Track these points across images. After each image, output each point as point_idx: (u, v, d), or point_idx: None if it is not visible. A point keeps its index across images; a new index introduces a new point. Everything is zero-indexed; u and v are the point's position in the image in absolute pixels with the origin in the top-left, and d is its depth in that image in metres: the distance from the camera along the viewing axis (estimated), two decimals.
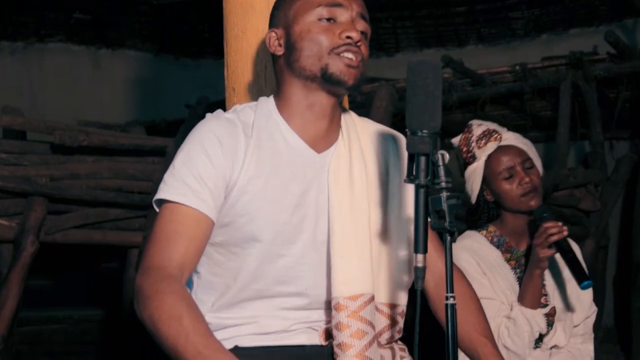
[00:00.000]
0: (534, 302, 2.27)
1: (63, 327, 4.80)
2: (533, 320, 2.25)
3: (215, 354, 1.36)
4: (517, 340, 2.25)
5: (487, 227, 2.44)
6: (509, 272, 2.38)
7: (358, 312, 1.59)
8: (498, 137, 2.38)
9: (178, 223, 1.55)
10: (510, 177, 2.35)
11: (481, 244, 2.40)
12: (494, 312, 2.28)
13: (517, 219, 2.40)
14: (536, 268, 2.25)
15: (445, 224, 1.34)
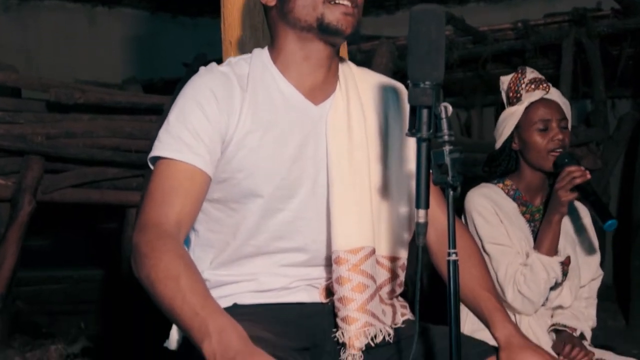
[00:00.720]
0: (551, 249, 2.26)
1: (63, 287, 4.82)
2: (550, 267, 2.24)
3: (212, 314, 1.33)
4: (534, 287, 2.24)
5: (504, 180, 2.43)
6: (524, 224, 2.37)
7: (359, 265, 1.57)
8: (546, 88, 2.36)
9: (174, 179, 1.52)
10: (545, 130, 2.33)
11: (498, 194, 2.39)
12: (511, 259, 2.27)
13: (536, 174, 2.38)
14: (556, 213, 2.24)
15: (448, 179, 1.30)
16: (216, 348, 1.28)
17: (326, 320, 1.62)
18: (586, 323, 2.40)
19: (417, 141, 1.34)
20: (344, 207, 1.58)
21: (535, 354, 1.50)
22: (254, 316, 1.53)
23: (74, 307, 4.79)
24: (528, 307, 2.26)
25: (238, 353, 1.25)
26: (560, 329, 2.34)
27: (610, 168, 4.70)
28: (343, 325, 1.57)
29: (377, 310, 1.60)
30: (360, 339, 1.56)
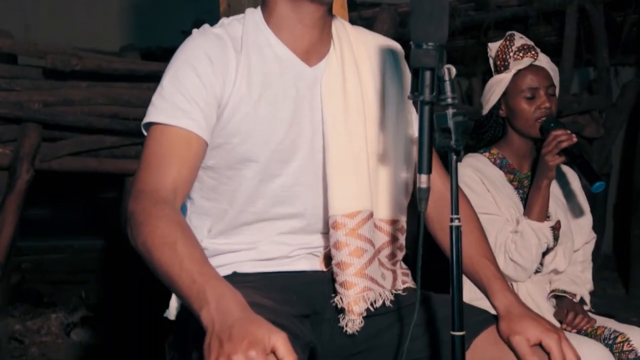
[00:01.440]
0: (541, 215, 2.25)
1: (63, 256, 4.82)
2: (540, 232, 2.24)
3: (210, 281, 1.30)
4: (525, 253, 2.23)
5: (490, 149, 2.42)
6: (512, 191, 2.37)
7: (356, 229, 1.55)
8: (535, 55, 2.35)
9: (169, 145, 1.49)
10: (532, 98, 2.32)
11: (484, 163, 2.39)
12: (500, 227, 2.26)
13: (523, 141, 2.38)
14: (544, 178, 2.24)
15: (451, 143, 1.27)
16: (214, 315, 1.25)
17: (326, 288, 1.60)
18: (584, 287, 2.39)
19: (420, 104, 1.31)
20: (340, 170, 1.56)
21: (535, 323, 1.48)
22: (253, 284, 1.51)
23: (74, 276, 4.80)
24: (521, 274, 2.26)
25: (237, 320, 1.23)
26: (560, 295, 2.33)
27: (612, 136, 4.67)
28: (341, 291, 1.56)
29: (377, 275, 1.58)
30: (359, 304, 1.55)
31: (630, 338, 2.15)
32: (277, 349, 1.20)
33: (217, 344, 1.20)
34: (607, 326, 2.23)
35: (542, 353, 1.45)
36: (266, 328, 1.22)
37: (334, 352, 1.61)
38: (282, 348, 1.20)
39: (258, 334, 1.20)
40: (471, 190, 2.29)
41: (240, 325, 1.22)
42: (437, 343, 1.54)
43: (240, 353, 1.17)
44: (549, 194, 2.27)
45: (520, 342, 1.46)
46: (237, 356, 1.17)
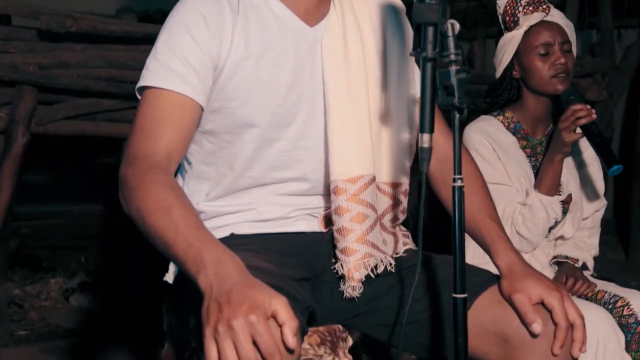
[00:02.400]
0: (552, 189, 2.20)
1: (62, 222, 4.81)
2: (550, 207, 2.20)
3: (207, 245, 1.27)
4: (532, 227, 2.20)
5: (504, 112, 2.36)
6: (524, 159, 2.31)
7: (358, 194, 1.52)
8: (546, 9, 2.27)
9: (163, 109, 1.45)
10: (546, 54, 2.24)
11: (497, 128, 2.32)
12: (509, 198, 2.22)
13: (539, 102, 2.31)
14: (558, 153, 2.18)
15: (454, 100, 1.24)
16: (212, 280, 1.22)
17: (326, 250, 1.58)
18: (588, 252, 2.37)
19: (422, 61, 1.27)
20: (342, 134, 1.53)
21: (537, 281, 1.46)
22: (252, 246, 1.49)
23: (74, 241, 4.80)
24: (525, 246, 2.23)
25: (236, 284, 1.20)
26: (561, 261, 2.31)
27: (615, 100, 4.62)
28: (342, 257, 1.53)
29: (378, 240, 1.56)
30: (359, 271, 1.53)
31: (630, 302, 2.14)
32: (277, 313, 1.18)
33: (216, 308, 1.18)
34: (607, 290, 2.22)
35: (545, 312, 1.43)
36: (266, 292, 1.19)
37: (333, 315, 1.59)
38: (283, 313, 1.18)
39: (258, 298, 1.17)
40: (482, 158, 2.24)
41: (239, 290, 1.19)
42: (438, 304, 1.53)
43: (240, 317, 1.14)
44: (561, 168, 2.21)
45: (522, 300, 1.44)
46: (236, 321, 1.14)
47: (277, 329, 1.17)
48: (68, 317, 3.86)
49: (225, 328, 1.15)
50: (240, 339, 1.14)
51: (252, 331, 1.14)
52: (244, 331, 1.14)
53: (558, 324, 1.41)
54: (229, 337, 1.14)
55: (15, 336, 3.51)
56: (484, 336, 1.48)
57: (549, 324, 1.42)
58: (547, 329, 1.42)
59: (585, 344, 1.43)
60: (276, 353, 1.15)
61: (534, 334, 1.42)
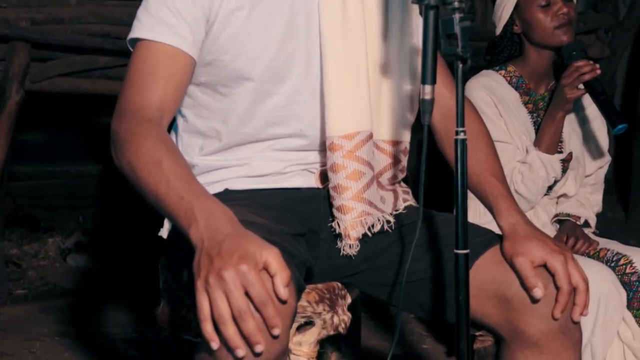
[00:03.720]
0: (552, 147, 2.17)
1: (61, 181, 4.79)
2: (549, 165, 2.16)
3: (198, 198, 1.24)
4: (531, 185, 2.17)
5: (506, 66, 2.32)
6: (526, 115, 2.28)
7: (354, 151, 1.48)
8: None
9: (155, 62, 1.41)
10: (547, 5, 2.19)
11: (499, 83, 2.28)
12: (509, 157, 2.19)
13: (542, 56, 2.26)
14: (560, 110, 2.14)
15: (457, 50, 1.19)
16: (204, 232, 1.19)
17: (322, 206, 1.55)
18: (591, 209, 2.35)
19: (425, 9, 1.22)
20: (338, 89, 1.48)
21: (540, 243, 1.41)
22: (246, 201, 1.46)
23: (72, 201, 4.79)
24: (524, 205, 2.20)
25: (227, 236, 1.17)
26: (563, 219, 2.29)
27: (618, 57, 4.56)
28: (338, 215, 1.50)
29: (375, 198, 1.53)
30: (356, 229, 1.50)
31: (633, 260, 2.13)
32: (269, 264, 1.15)
33: (207, 260, 1.15)
34: (609, 248, 2.20)
35: (547, 275, 1.39)
36: (257, 243, 1.17)
37: (331, 273, 1.57)
38: (274, 263, 1.15)
39: (249, 249, 1.15)
40: (484, 115, 2.20)
41: (230, 241, 1.16)
42: (439, 264, 1.50)
43: (231, 268, 1.12)
44: (562, 126, 2.17)
45: (524, 263, 1.39)
46: (227, 272, 1.12)
47: (269, 279, 1.15)
48: (66, 276, 3.87)
49: (216, 279, 1.12)
50: (231, 290, 1.11)
51: (243, 281, 1.12)
52: (235, 281, 1.11)
53: (560, 288, 1.37)
54: (220, 288, 1.12)
55: (13, 295, 3.51)
56: (483, 297, 1.44)
57: (551, 287, 1.39)
58: (548, 292, 1.38)
59: (587, 307, 1.40)
60: (269, 303, 1.13)
61: (534, 298, 1.38)
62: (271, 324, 1.13)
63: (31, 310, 3.25)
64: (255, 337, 1.12)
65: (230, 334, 1.12)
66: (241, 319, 1.12)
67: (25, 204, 4.71)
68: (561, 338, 1.40)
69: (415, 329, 3.14)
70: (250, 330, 1.12)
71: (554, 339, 1.40)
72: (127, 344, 2.91)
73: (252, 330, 1.12)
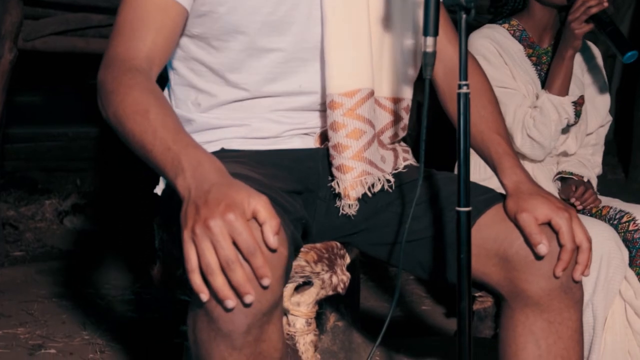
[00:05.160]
0: (563, 89, 2.13)
1: (58, 144, 4.77)
2: (561, 107, 2.13)
3: (186, 148, 1.19)
4: (544, 129, 2.13)
5: (510, 20, 2.28)
6: (530, 67, 2.24)
7: (355, 109, 1.44)
8: None
9: (144, 10, 1.36)
10: None
11: (503, 35, 2.25)
12: (519, 102, 2.15)
13: (545, 11, 2.23)
14: (569, 48, 2.09)
15: None
16: (190, 182, 1.15)
17: (320, 165, 1.51)
18: (592, 170, 2.32)
19: None
20: (338, 45, 1.43)
21: (545, 200, 1.38)
22: (242, 159, 1.42)
23: (69, 164, 4.76)
24: (538, 151, 2.17)
25: (214, 185, 1.12)
26: (566, 177, 2.27)
27: (622, 15, 4.50)
28: (338, 175, 1.47)
29: (376, 158, 1.49)
30: (356, 189, 1.46)
31: (636, 217, 2.11)
32: (257, 212, 1.10)
33: (193, 210, 1.11)
34: (612, 206, 2.18)
35: (551, 232, 1.36)
36: (245, 191, 1.12)
37: (330, 232, 1.54)
38: (263, 211, 1.10)
39: (236, 197, 1.10)
40: (487, 62, 2.17)
41: (217, 190, 1.11)
42: (440, 223, 1.47)
43: (218, 217, 1.07)
44: (572, 66, 2.13)
45: (528, 219, 1.36)
46: (214, 220, 1.07)
47: (258, 228, 1.11)
48: (63, 238, 3.86)
49: (202, 229, 1.08)
50: (218, 239, 1.07)
51: (230, 230, 1.08)
52: (222, 230, 1.07)
53: (564, 246, 1.34)
54: (207, 238, 1.08)
55: (10, 257, 3.50)
56: (483, 256, 1.41)
57: (553, 245, 1.36)
58: (550, 250, 1.35)
59: (589, 267, 1.37)
60: (257, 252, 1.08)
61: (538, 255, 1.36)
62: (260, 273, 1.09)
63: (29, 272, 3.24)
64: (245, 288, 1.08)
65: (219, 285, 1.08)
66: (229, 269, 1.08)
67: (23, 166, 4.69)
68: (562, 297, 1.37)
69: (414, 291, 3.13)
70: (239, 280, 1.08)
71: (555, 298, 1.37)
72: (125, 304, 2.90)
73: (240, 280, 1.08)
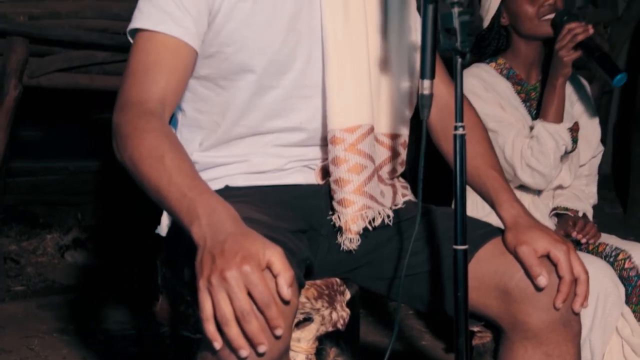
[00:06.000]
0: (557, 116, 2.16)
1: (59, 178, 4.78)
2: (557, 134, 2.15)
3: (201, 195, 1.22)
4: (542, 158, 2.16)
5: (496, 59, 2.32)
6: (520, 104, 2.28)
7: (356, 144, 1.48)
8: None
9: (156, 53, 1.40)
10: None
11: (490, 74, 2.29)
12: (516, 133, 2.18)
13: (531, 47, 2.27)
14: (559, 76, 2.13)
15: (457, 44, 1.19)
16: (206, 231, 1.18)
17: (322, 202, 1.54)
18: (587, 201, 2.35)
19: (423, 3, 1.22)
20: (340, 82, 1.48)
21: (543, 233, 1.42)
22: (247, 198, 1.45)
23: (71, 198, 4.78)
24: (539, 180, 2.19)
25: (230, 235, 1.16)
26: (561, 213, 2.29)
27: (617, 51, 4.55)
28: (339, 208, 1.50)
29: (376, 192, 1.52)
30: (357, 223, 1.49)
31: (632, 255, 2.13)
32: (272, 264, 1.14)
33: (209, 260, 1.14)
34: (608, 243, 2.20)
35: (549, 265, 1.40)
36: (260, 242, 1.16)
37: (331, 268, 1.56)
38: (277, 263, 1.14)
39: (252, 249, 1.14)
40: (479, 98, 2.20)
41: (233, 240, 1.15)
42: (438, 257, 1.50)
43: (234, 268, 1.11)
44: (564, 93, 2.17)
45: (528, 252, 1.40)
46: (230, 272, 1.11)
47: (272, 279, 1.14)
48: (64, 272, 3.86)
49: (218, 280, 1.12)
50: (234, 290, 1.11)
51: (246, 282, 1.11)
52: (237, 282, 1.11)
53: (563, 278, 1.38)
54: (223, 289, 1.11)
55: (11, 291, 3.51)
56: (484, 289, 1.45)
57: (553, 277, 1.39)
58: (550, 282, 1.39)
59: (587, 299, 1.40)
60: (272, 303, 1.12)
61: (538, 287, 1.39)
62: (274, 324, 1.13)
63: (30, 307, 3.25)
64: (259, 338, 1.12)
65: (234, 335, 1.11)
66: (244, 320, 1.11)
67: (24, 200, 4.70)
68: (561, 330, 1.41)
69: (414, 325, 3.14)
70: (253, 331, 1.11)
71: (554, 331, 1.40)
72: (126, 341, 2.91)
73: (255, 331, 1.11)
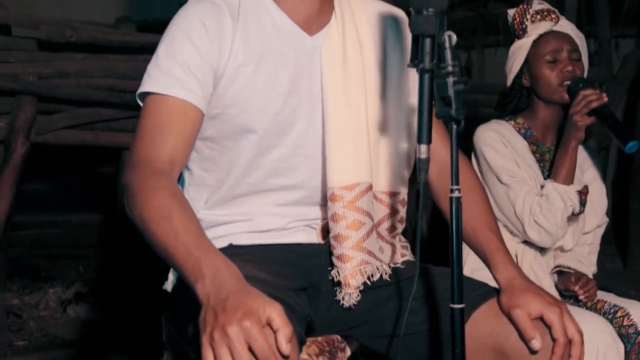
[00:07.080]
0: (568, 178, 2.20)
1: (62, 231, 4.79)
2: (566, 195, 2.19)
3: (206, 254, 1.27)
4: (550, 217, 2.19)
5: (515, 118, 2.37)
6: (534, 163, 2.32)
7: (354, 202, 1.52)
8: (554, 19, 2.29)
9: (165, 116, 1.46)
10: (554, 62, 2.26)
11: (509, 131, 2.34)
12: (528, 190, 2.22)
13: (549, 111, 2.32)
14: (572, 139, 2.18)
15: (452, 112, 1.24)
16: (210, 289, 1.22)
17: (323, 260, 1.58)
18: (589, 269, 2.37)
19: (420, 72, 1.28)
20: (339, 142, 1.53)
21: (537, 296, 1.45)
22: (249, 256, 1.49)
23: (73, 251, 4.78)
24: (545, 238, 2.22)
25: (232, 292, 1.20)
26: (564, 271, 2.31)
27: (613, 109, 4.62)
28: (338, 264, 1.54)
29: (374, 248, 1.56)
30: (356, 278, 1.53)
31: (630, 312, 2.14)
32: (272, 320, 1.18)
33: (212, 316, 1.18)
34: (607, 300, 2.22)
35: (543, 327, 1.43)
36: (261, 299, 1.20)
37: (331, 326, 1.59)
38: (277, 319, 1.18)
39: (253, 305, 1.18)
40: (496, 152, 2.25)
41: (234, 297, 1.19)
42: (436, 316, 1.53)
43: (235, 324, 1.15)
44: (576, 156, 2.21)
45: (521, 315, 1.43)
46: (231, 327, 1.15)
47: (272, 335, 1.18)
48: (67, 327, 3.85)
49: (220, 335, 1.16)
50: (235, 345, 1.15)
51: (246, 337, 1.15)
52: (238, 337, 1.15)
53: (557, 340, 1.41)
54: (224, 344, 1.15)
55: (13, 346, 3.50)
56: (481, 350, 1.48)
57: (547, 339, 1.42)
58: (545, 344, 1.42)
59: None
60: (271, 358, 1.16)
61: (533, 350, 1.42)
62: None
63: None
64: None
65: None
66: None
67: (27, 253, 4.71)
68: None
69: None
70: None
71: None
72: None
73: None
